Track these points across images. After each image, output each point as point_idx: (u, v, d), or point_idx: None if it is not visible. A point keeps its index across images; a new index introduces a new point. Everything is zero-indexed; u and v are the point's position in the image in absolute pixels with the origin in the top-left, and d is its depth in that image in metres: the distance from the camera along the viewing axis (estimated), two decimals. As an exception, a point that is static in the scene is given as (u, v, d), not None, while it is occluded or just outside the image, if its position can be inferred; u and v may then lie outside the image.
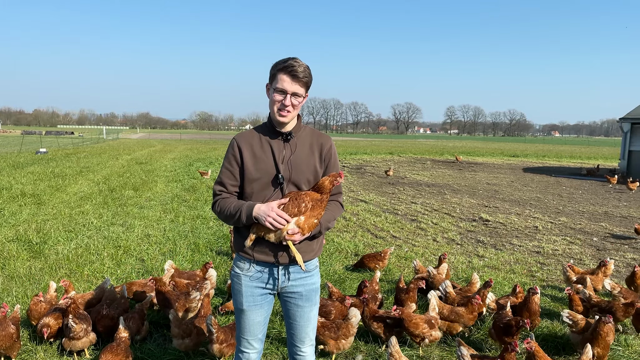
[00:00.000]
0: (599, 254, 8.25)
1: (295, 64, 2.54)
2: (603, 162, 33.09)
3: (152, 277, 4.66)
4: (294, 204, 2.53)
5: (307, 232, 2.58)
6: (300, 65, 2.55)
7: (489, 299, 5.02)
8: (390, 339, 3.71)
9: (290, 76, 2.54)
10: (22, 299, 5.36)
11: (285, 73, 2.55)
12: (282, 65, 2.56)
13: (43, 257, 7.01)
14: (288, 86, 2.55)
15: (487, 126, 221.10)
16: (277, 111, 2.62)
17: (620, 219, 11.77)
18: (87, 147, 38.53)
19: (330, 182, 2.59)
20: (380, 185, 17.57)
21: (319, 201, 2.57)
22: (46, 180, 15.73)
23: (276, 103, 2.60)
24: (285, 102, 2.57)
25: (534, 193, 16.48)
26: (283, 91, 2.57)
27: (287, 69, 2.54)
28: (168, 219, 10.04)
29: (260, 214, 2.52)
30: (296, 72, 2.54)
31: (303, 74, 2.56)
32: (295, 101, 2.60)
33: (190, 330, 4.09)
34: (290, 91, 2.56)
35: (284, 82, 2.55)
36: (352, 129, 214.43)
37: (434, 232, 9.75)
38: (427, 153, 40.59)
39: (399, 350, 3.66)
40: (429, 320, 4.33)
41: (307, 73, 2.59)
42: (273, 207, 2.50)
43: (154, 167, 21.84)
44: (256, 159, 2.66)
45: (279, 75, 2.57)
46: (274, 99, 2.60)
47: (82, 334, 4.02)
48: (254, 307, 2.76)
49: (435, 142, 76.00)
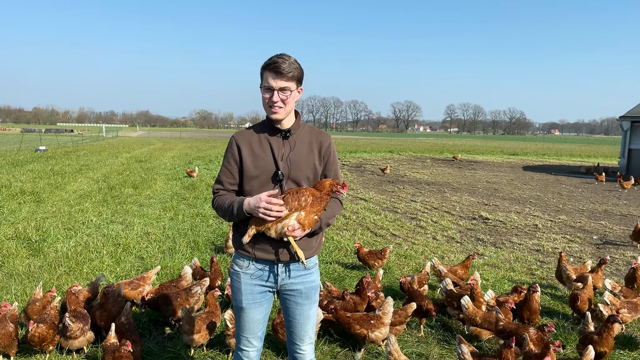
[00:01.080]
0: (599, 252, 8.24)
1: (278, 60, 2.55)
2: (603, 160, 33.07)
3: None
4: (294, 197, 2.52)
5: (308, 228, 2.57)
6: (284, 61, 2.55)
7: (488, 296, 5.02)
8: (389, 337, 3.71)
9: (273, 73, 2.56)
10: (21, 297, 5.35)
11: (268, 70, 2.58)
12: (266, 64, 2.59)
13: (42, 255, 7.00)
14: (273, 83, 2.57)
15: (487, 124, 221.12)
16: (267, 109, 2.64)
17: (620, 217, 11.76)
18: (86, 145, 38.51)
19: (330, 185, 2.59)
20: (380, 184, 17.56)
21: (319, 198, 2.56)
22: (45, 178, 15.72)
23: (266, 100, 2.62)
24: (273, 99, 2.58)
25: (534, 191, 16.47)
26: (269, 88, 2.59)
27: (270, 67, 2.57)
28: (167, 217, 10.03)
29: (251, 207, 2.52)
30: (279, 69, 2.54)
31: (288, 69, 2.55)
32: (284, 96, 2.59)
33: (201, 327, 4.12)
34: (276, 87, 2.57)
35: (269, 79, 2.57)
36: (352, 127, 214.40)
37: (434, 230, 9.74)
38: (427, 151, 40.57)
39: (398, 349, 3.65)
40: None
41: (292, 67, 2.58)
42: (261, 198, 2.49)
43: (154, 165, 21.83)
44: (255, 156, 2.66)
45: (265, 74, 2.61)
46: (263, 96, 2.63)
47: (78, 333, 4.00)
48: (253, 305, 2.75)
49: (435, 141, 75.99)
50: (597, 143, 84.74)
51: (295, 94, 2.65)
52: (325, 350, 4.39)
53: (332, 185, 2.59)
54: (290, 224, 2.50)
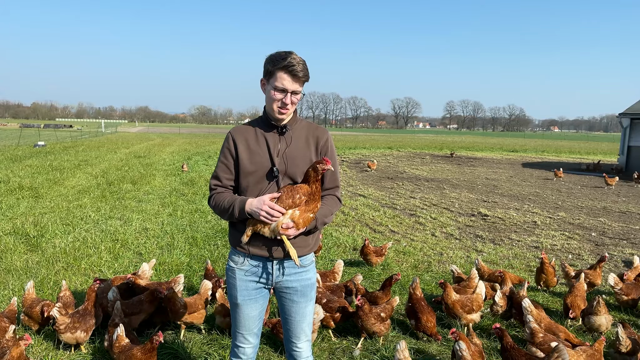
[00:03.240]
0: (598, 249, 8.24)
1: (294, 62, 2.48)
2: (602, 157, 33.06)
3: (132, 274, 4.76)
4: (288, 195, 2.48)
5: (303, 227, 2.53)
6: (299, 64, 2.50)
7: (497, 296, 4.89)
8: (399, 343, 3.57)
9: (291, 75, 2.50)
10: (19, 292, 5.34)
11: (285, 72, 2.49)
12: (282, 64, 2.49)
13: (40, 251, 6.98)
14: (289, 85, 2.51)
15: (487, 121, 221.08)
16: (277, 109, 2.58)
17: (619, 214, 11.76)
18: (85, 140, 38.44)
19: (314, 170, 2.50)
20: (379, 180, 17.55)
21: (313, 194, 2.51)
22: (44, 173, 15.69)
23: (276, 102, 2.56)
24: (285, 101, 2.54)
25: (533, 188, 16.46)
26: (284, 90, 2.53)
27: (288, 68, 2.48)
28: (166, 213, 10.01)
29: (252, 209, 2.48)
30: (297, 72, 2.49)
31: (303, 72, 2.52)
32: (295, 99, 2.58)
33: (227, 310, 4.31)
34: (290, 90, 2.53)
35: (285, 80, 2.50)
36: (351, 123, 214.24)
37: (433, 226, 9.73)
38: (426, 148, 40.55)
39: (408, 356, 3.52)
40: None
41: (306, 71, 2.55)
42: (265, 201, 2.46)
43: (153, 160, 21.79)
44: (251, 152, 2.64)
45: (279, 74, 2.51)
46: (274, 97, 2.55)
47: (63, 328, 3.90)
48: (248, 302, 2.73)
49: (435, 137, 75.93)
50: (597, 140, 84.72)
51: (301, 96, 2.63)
52: (323, 346, 4.38)
53: (316, 169, 2.49)
54: (284, 222, 2.47)
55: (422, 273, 6.63)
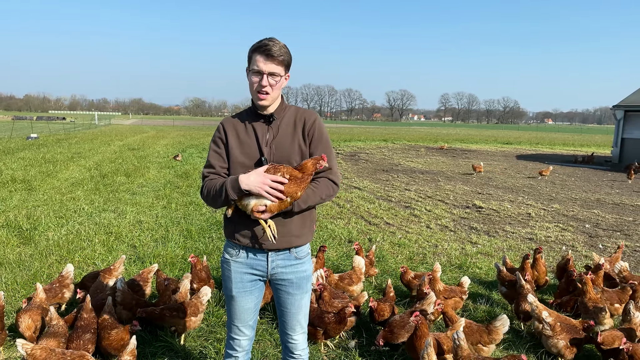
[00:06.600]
0: (591, 241, 8.29)
1: (269, 43, 2.48)
2: (596, 149, 33.20)
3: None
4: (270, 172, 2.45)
5: (276, 210, 2.48)
6: (275, 44, 2.48)
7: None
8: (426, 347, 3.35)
9: (264, 55, 2.48)
10: (11, 285, 5.30)
11: (259, 53, 2.49)
12: (256, 46, 2.51)
13: (33, 244, 6.93)
14: (263, 66, 2.49)
15: (481, 113, 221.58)
16: (255, 94, 2.56)
17: (613, 206, 11.83)
18: (78, 132, 38.15)
19: (312, 165, 2.49)
20: (374, 172, 17.55)
21: (298, 179, 2.45)
22: (37, 166, 15.56)
23: (254, 85, 2.55)
24: (262, 83, 2.51)
25: (527, 180, 16.52)
26: (259, 72, 2.51)
27: (261, 49, 2.48)
28: (160, 206, 9.96)
29: (252, 184, 2.42)
30: (270, 51, 2.47)
31: (278, 53, 2.48)
32: (273, 81, 2.52)
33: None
34: (266, 71, 2.50)
35: (259, 62, 2.49)
36: (346, 115, 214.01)
37: (428, 219, 9.75)
38: (421, 140, 40.57)
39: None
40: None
41: (283, 52, 2.51)
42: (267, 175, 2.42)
43: (147, 153, 21.68)
44: (241, 142, 2.62)
45: (254, 56, 2.51)
46: (251, 80, 2.55)
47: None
48: (243, 293, 2.72)
49: (429, 130, 76.00)
50: (590, 132, 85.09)
51: (283, 80, 2.59)
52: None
53: (315, 164, 2.49)
54: (253, 203, 2.45)
55: (417, 265, 6.64)
